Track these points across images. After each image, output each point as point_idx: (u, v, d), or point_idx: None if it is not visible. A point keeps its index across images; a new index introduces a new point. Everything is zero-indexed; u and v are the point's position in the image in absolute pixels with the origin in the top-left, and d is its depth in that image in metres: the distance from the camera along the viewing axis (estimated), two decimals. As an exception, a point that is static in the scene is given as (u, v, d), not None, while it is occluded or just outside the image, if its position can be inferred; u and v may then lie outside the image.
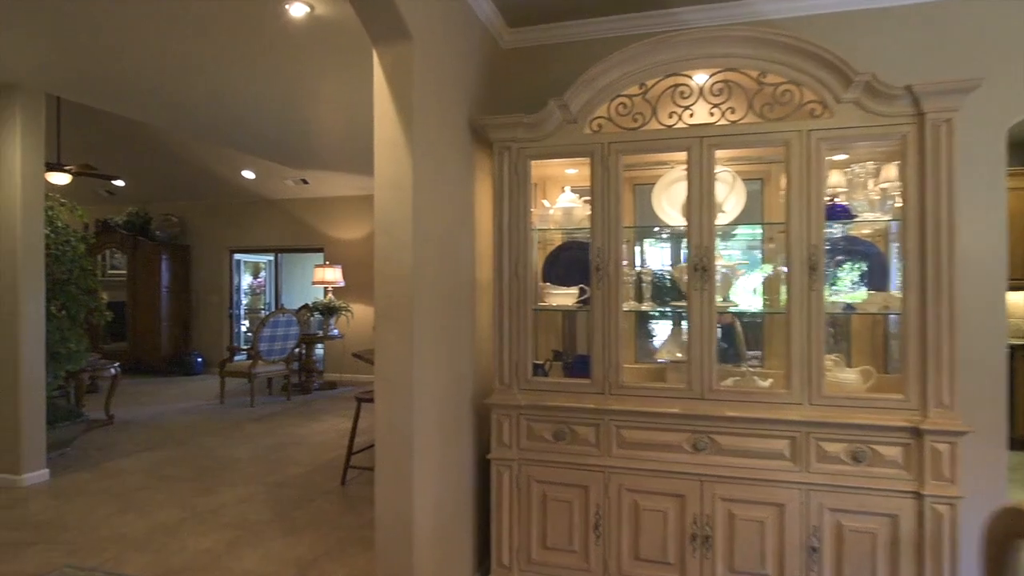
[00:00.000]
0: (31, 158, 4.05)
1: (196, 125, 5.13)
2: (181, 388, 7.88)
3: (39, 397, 4.11)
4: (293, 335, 7.06)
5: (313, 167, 6.98)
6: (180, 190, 9.06)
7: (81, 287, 4.78)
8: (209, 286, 9.36)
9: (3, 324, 4.00)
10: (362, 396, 4.05)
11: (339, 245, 8.72)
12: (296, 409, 6.59)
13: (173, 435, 5.38)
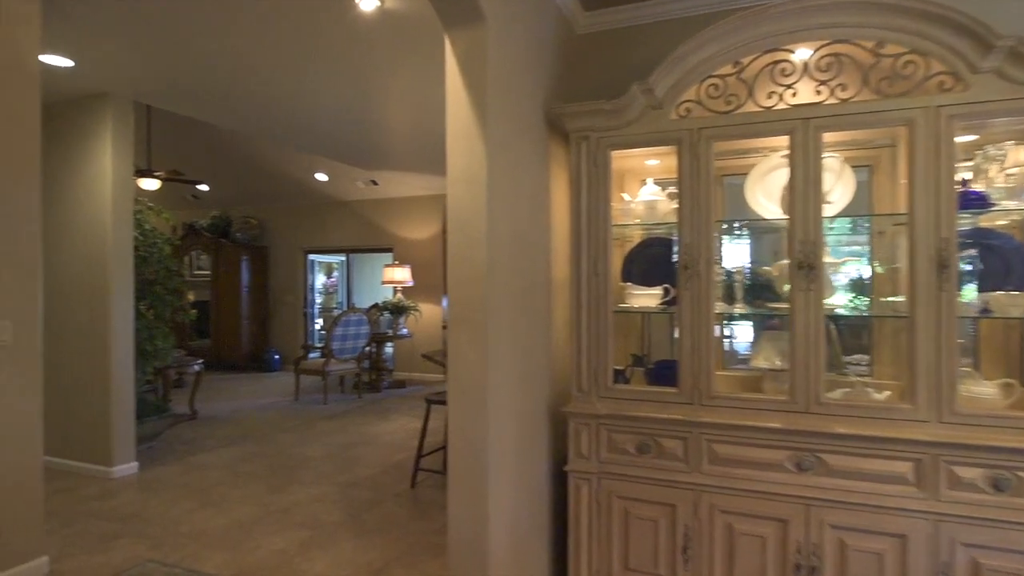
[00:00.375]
0: (121, 164, 4.24)
1: (273, 129, 5.25)
2: (259, 384, 8.16)
3: (129, 393, 4.29)
4: (364, 334, 7.15)
5: (382, 167, 7.04)
6: (259, 194, 9.41)
7: (167, 287, 4.98)
8: (285, 286, 9.67)
9: (96, 323, 4.20)
10: (432, 398, 3.98)
11: (408, 245, 8.79)
12: (367, 407, 6.66)
13: (251, 431, 5.53)
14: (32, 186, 2.73)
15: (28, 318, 2.69)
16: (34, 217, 2.74)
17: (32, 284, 2.72)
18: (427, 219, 8.67)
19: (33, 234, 2.73)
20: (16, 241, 2.66)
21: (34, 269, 2.73)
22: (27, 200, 2.71)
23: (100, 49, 3.47)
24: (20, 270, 2.67)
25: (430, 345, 8.49)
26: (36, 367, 2.73)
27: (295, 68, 3.78)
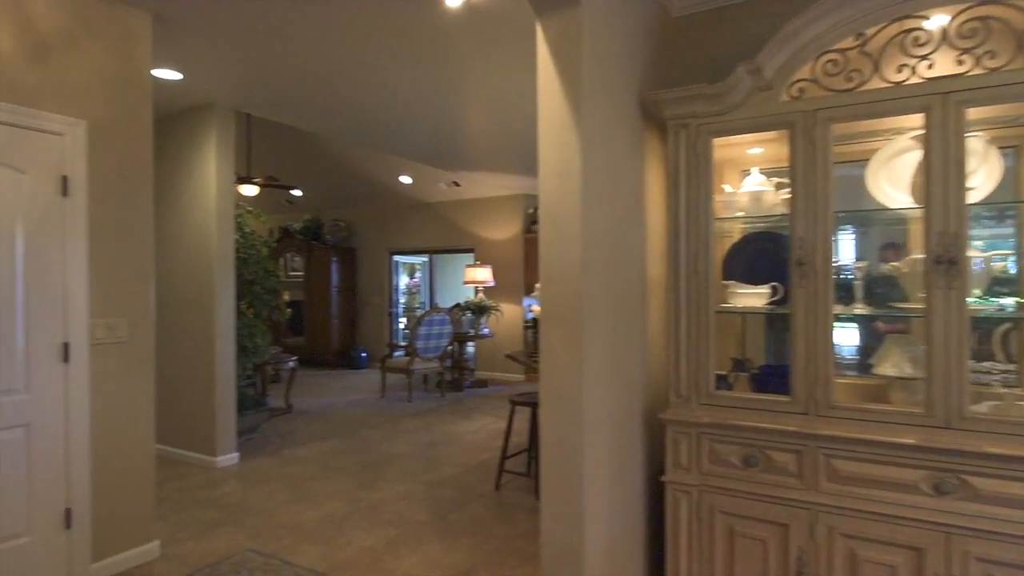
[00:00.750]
0: (224, 171, 4.48)
1: (362, 133, 5.39)
2: (347, 381, 8.45)
3: (230, 387, 4.53)
4: (447, 334, 7.23)
5: (464, 168, 7.09)
6: (347, 197, 9.77)
7: (265, 287, 5.22)
8: (371, 286, 9.98)
9: (202, 321, 4.46)
10: (516, 399, 3.92)
11: (488, 245, 8.82)
12: (450, 406, 6.73)
13: (340, 427, 5.71)
14: (146, 193, 2.90)
15: (142, 316, 2.87)
16: (148, 222, 2.91)
17: (146, 284, 2.89)
18: (508, 219, 8.67)
19: (147, 238, 2.90)
20: (133, 245, 2.84)
21: (148, 270, 2.90)
22: (142, 207, 2.88)
23: (205, 62, 3.67)
24: (135, 271, 2.85)
25: (511, 345, 8.48)
26: (149, 361, 2.90)
27: (383, 72, 3.85)
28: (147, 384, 2.89)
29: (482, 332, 7.88)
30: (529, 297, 8.61)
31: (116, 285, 2.77)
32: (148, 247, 2.91)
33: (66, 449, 2.57)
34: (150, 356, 2.90)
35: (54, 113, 2.55)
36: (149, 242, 2.91)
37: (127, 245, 2.81)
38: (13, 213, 2.42)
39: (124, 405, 2.79)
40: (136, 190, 2.86)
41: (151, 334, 2.91)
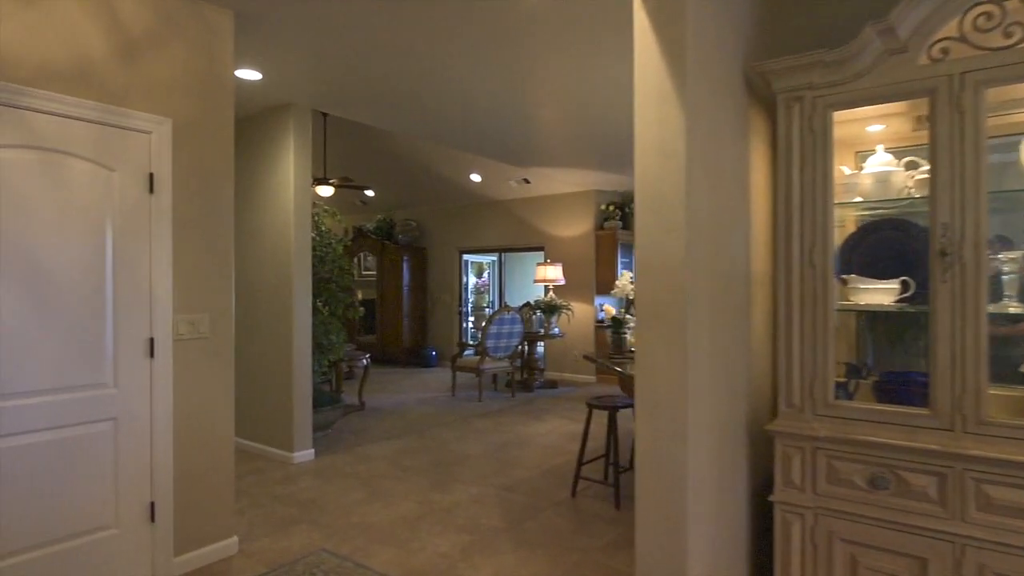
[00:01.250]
0: (301, 170, 4.53)
1: (436, 129, 5.34)
2: (418, 379, 8.50)
3: (307, 384, 4.58)
4: (517, 333, 7.11)
5: (535, 164, 6.94)
6: (418, 196, 9.85)
7: (340, 285, 5.27)
8: (442, 285, 10.02)
9: (280, 318, 4.53)
10: (594, 402, 3.73)
11: (559, 243, 8.64)
12: (520, 407, 6.60)
13: (412, 425, 5.69)
14: (227, 191, 2.92)
15: (223, 312, 2.88)
16: (229, 219, 2.92)
17: (227, 281, 2.91)
18: (579, 216, 8.45)
19: (228, 235, 2.91)
20: (214, 241, 2.86)
21: (228, 267, 2.92)
22: (223, 204, 2.90)
23: (284, 61, 3.69)
24: (217, 268, 2.87)
25: (582, 345, 8.27)
26: (229, 357, 2.92)
27: (459, 67, 3.76)
28: (227, 379, 2.91)
29: (552, 332, 7.71)
30: (600, 296, 8.37)
31: (198, 281, 2.79)
32: (229, 244, 2.92)
33: (151, 443, 2.60)
34: (230, 352, 2.92)
35: (141, 112, 2.59)
36: (230, 239, 2.93)
37: (209, 242, 2.83)
38: (104, 210, 2.47)
39: (205, 400, 2.81)
40: (218, 187, 2.88)
41: (231, 330, 2.93)
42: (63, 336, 2.34)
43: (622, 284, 3.67)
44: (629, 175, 7.35)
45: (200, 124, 2.82)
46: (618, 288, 3.69)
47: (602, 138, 5.67)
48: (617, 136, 5.50)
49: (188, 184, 2.76)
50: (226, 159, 2.92)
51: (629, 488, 3.68)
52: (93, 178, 2.45)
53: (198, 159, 2.80)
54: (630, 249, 8.47)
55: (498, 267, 9.82)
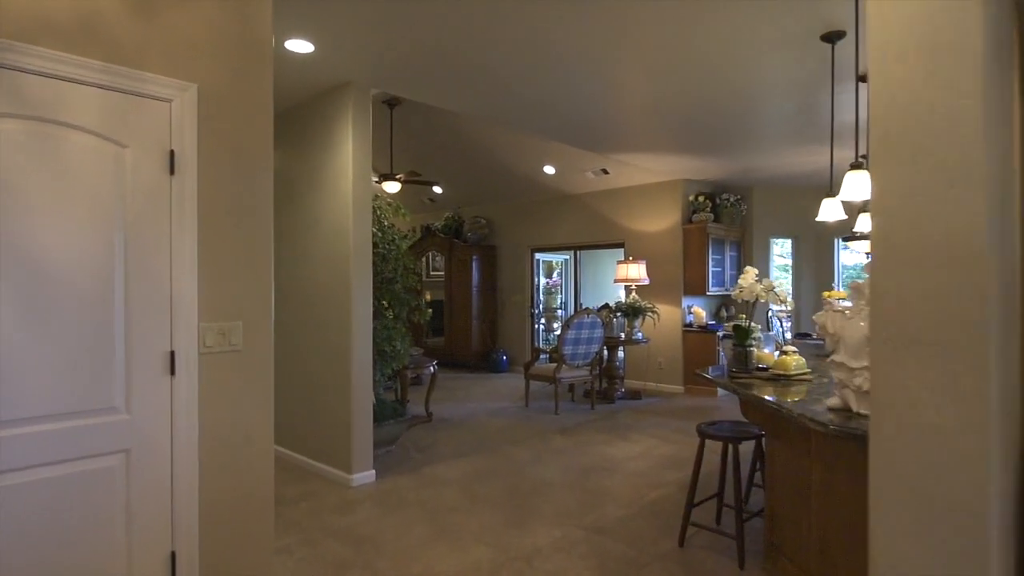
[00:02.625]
0: (361, 157, 4.05)
1: (508, 110, 4.76)
2: (489, 386, 7.96)
3: (367, 397, 4.10)
4: (597, 339, 6.42)
5: (618, 150, 6.22)
6: (488, 192, 9.33)
7: (405, 285, 4.77)
8: (513, 285, 9.46)
9: (337, 323, 4.07)
10: (708, 430, 3.02)
11: (640, 239, 7.87)
12: (601, 421, 5.90)
13: (483, 441, 5.13)
14: (265, 173, 2.43)
15: (260, 319, 2.39)
16: (266, 207, 2.43)
17: (265, 282, 2.42)
18: (663, 209, 7.65)
19: (266, 226, 2.42)
20: (250, 234, 2.37)
21: (266, 265, 2.42)
22: (260, 189, 2.41)
23: (339, 30, 3.21)
24: (253, 266, 2.38)
25: (668, 351, 7.47)
26: (268, 373, 2.42)
27: (536, 33, 3.16)
28: (266, 400, 2.42)
29: (635, 337, 6.96)
30: (689, 296, 7.54)
31: (230, 283, 2.31)
32: (267, 237, 2.43)
33: (171, 480, 2.13)
34: (268, 367, 2.42)
35: (160, 75, 2.13)
36: (268, 232, 2.44)
37: (244, 235, 2.35)
38: (113, 196, 2.02)
39: (239, 425, 2.33)
40: (254, 169, 2.39)
41: (270, 340, 2.43)
42: (61, 351, 1.90)
43: (747, 283, 2.93)
44: (725, 159, 6.50)
45: (233, 93, 2.33)
46: (742, 288, 2.95)
47: (698, 114, 4.89)
48: (714, 109, 4.72)
49: (217, 164, 2.28)
50: (264, 134, 2.43)
51: (754, 540, 2.94)
52: (100, 155, 1.99)
53: (230, 135, 2.32)
54: (722, 245, 7.58)
55: (573, 265, 9.14)
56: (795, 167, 6.78)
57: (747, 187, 7.95)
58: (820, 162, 6.47)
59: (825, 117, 4.71)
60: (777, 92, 4.37)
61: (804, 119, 4.99)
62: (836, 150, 6.11)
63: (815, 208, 3.98)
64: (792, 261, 8.22)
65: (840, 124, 4.60)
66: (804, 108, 4.73)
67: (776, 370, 2.82)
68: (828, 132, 5.05)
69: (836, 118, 4.38)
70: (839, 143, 5.81)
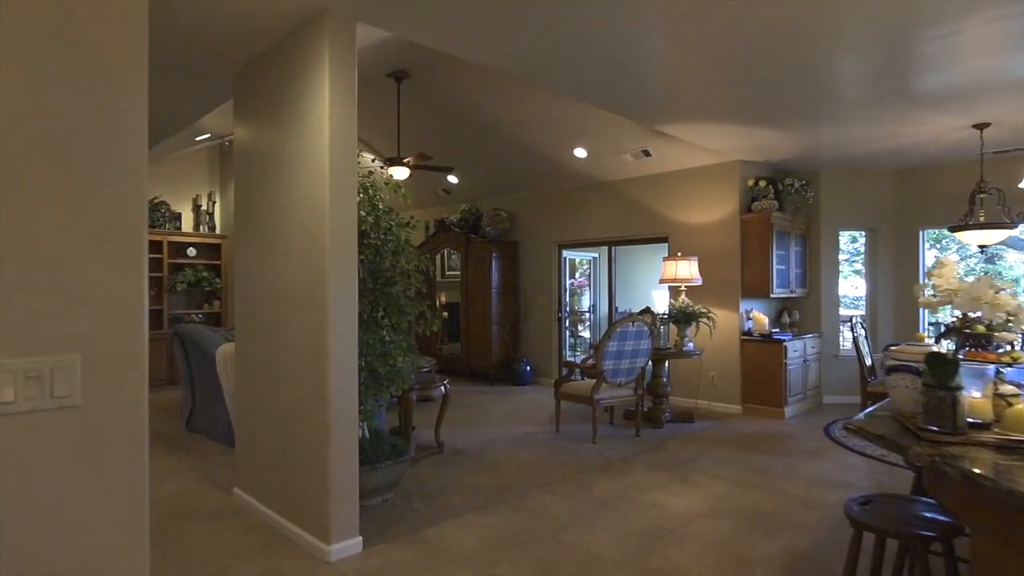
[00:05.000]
0: (340, 113, 2.99)
1: (539, 61, 3.69)
2: (511, 402, 6.89)
3: (350, 434, 3.04)
4: (644, 351, 5.30)
5: (667, 118, 5.09)
6: (510, 182, 8.27)
7: (405, 287, 3.71)
8: (537, 286, 8.37)
9: (311, 337, 3.03)
10: (868, 520, 1.90)
11: (688, 232, 6.72)
12: (651, 454, 4.79)
13: (506, 483, 4.05)
14: (134, 100, 1.38)
15: (120, 349, 1.34)
16: (135, 161, 1.39)
17: (131, 287, 1.36)
18: (716, 196, 6.50)
19: (134, 192, 1.38)
20: (101, 204, 1.33)
21: (135, 259, 1.37)
22: (125, 129, 1.37)
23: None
24: (106, 260, 1.33)
25: (723, 364, 6.31)
26: (136, 450, 1.37)
27: None
28: (134, 514, 1.36)
29: (686, 348, 5.83)
30: (748, 299, 6.38)
31: (54, 291, 1.26)
32: (136, 205, 1.38)
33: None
34: (138, 441, 1.37)
35: None
36: (138, 195, 1.39)
37: (86, 198, 1.31)
38: None
39: (77, 553, 1.28)
40: (109, 79, 1.35)
41: (142, 389, 1.38)
42: None
43: (945, 281, 1.80)
44: (791, 133, 5.33)
45: (62, -58, 1.29)
46: (942, 289, 1.82)
47: (766, 64, 3.76)
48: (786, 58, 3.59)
49: (28, 63, 1.24)
50: (134, 25, 1.39)
51: None
52: None
53: (63, 14, 1.28)
54: (786, 238, 6.41)
55: (607, 263, 8.02)
56: (874, 144, 5.59)
57: (814, 170, 6.77)
58: (907, 137, 5.29)
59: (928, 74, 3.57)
60: (862, 34, 3.22)
61: (892, 73, 3.82)
62: (939, 117, 4.95)
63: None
64: (866, 257, 7.00)
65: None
66: (893, 60, 3.57)
67: (1010, 432, 1.69)
68: (925, 93, 3.90)
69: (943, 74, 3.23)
70: (942, 109, 4.66)
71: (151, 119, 1.45)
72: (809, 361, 6.48)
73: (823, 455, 4.75)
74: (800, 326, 6.77)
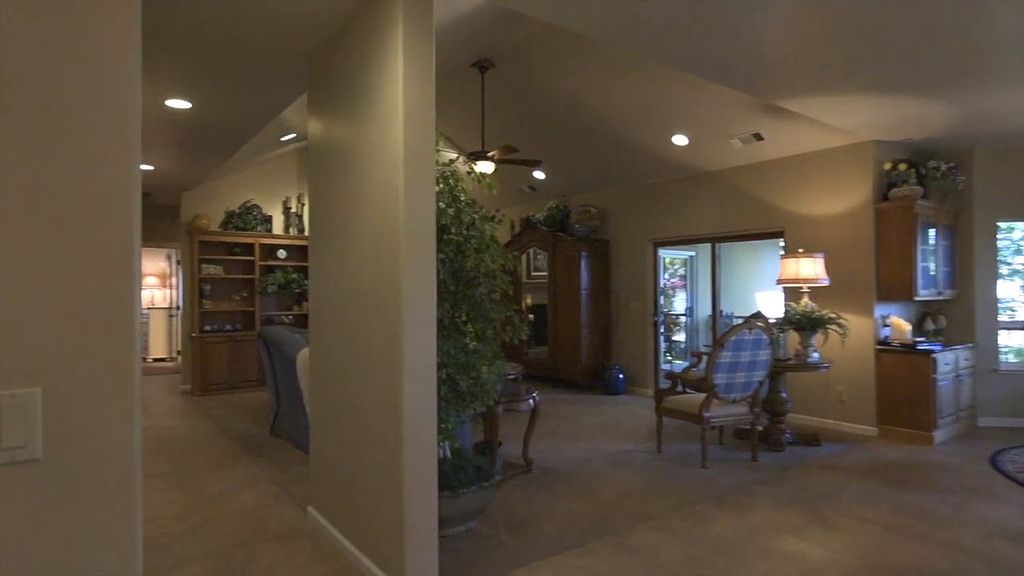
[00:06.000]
0: (416, 83, 2.59)
1: (653, 33, 3.15)
2: (604, 414, 6.33)
3: (428, 456, 2.64)
4: (762, 362, 4.59)
5: (789, 91, 4.37)
6: (600, 176, 7.71)
7: (490, 290, 3.29)
8: (630, 288, 7.75)
9: (384, 349, 2.66)
10: None
11: (809, 225, 5.88)
12: (774, 485, 4.09)
13: (604, 514, 3.52)
14: (125, 60, 1.01)
15: (98, 380, 0.97)
16: (123, 138, 1.01)
17: (121, 300, 1.00)
18: (844, 183, 5.63)
19: (124, 175, 1.00)
20: (70, 187, 0.96)
21: (124, 262, 1.00)
22: (108, 95, 1.00)
23: None
24: (81, 264, 0.97)
25: (852, 378, 5.44)
26: (125, 506, 0.99)
27: None
28: (121, 574, 0.99)
29: (811, 359, 5.03)
30: (884, 303, 5.47)
31: (8, 298, 0.90)
32: (129, 190, 1.01)
33: None
34: (127, 489, 0.99)
35: None
36: (128, 194, 1.01)
37: (51, 179, 0.94)
38: None
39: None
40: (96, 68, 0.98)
41: (133, 431, 1.00)
42: None
43: None
44: (940, 102, 4.43)
45: None
46: None
47: (931, 20, 2.99)
48: (948, 14, 2.82)
49: None
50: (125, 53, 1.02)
51: None
52: None
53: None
54: (933, 230, 5.44)
55: (708, 262, 7.26)
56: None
57: (964, 149, 5.73)
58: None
59: None
60: None
61: None
62: None
63: None
64: (1034, 252, 5.85)
65: None
66: None
67: None
68: None
69: None
70: None
71: (232, 119, 1.11)
72: (962, 376, 5.46)
73: (996, 494, 3.85)
74: (947, 334, 5.75)
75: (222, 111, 4.56)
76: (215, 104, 4.41)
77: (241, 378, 7.92)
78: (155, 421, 6.10)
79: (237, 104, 4.42)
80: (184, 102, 4.37)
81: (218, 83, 4.02)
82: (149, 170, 6.89)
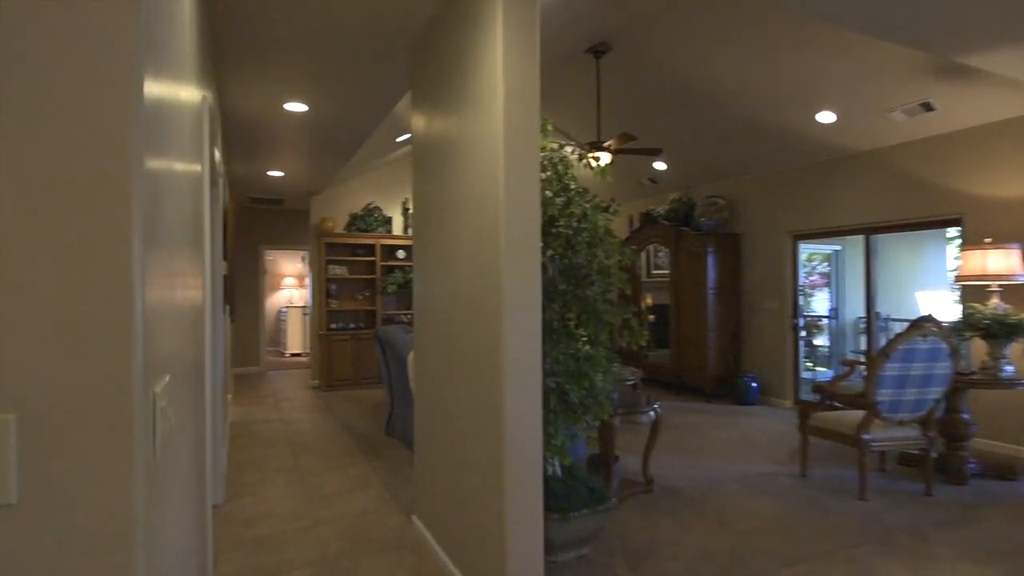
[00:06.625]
0: (517, 56, 2.30)
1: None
2: (733, 426, 5.69)
3: (533, 475, 2.34)
4: (940, 377, 3.79)
5: (982, 45, 3.53)
6: (728, 164, 7.01)
7: (603, 289, 2.93)
8: (764, 286, 6.96)
9: (483, 356, 2.40)
10: None
11: (994, 210, 4.85)
12: (960, 528, 3.32)
13: (740, 549, 3.03)
14: (119, 66, 0.81)
15: (85, 404, 0.77)
16: (117, 146, 0.80)
17: (107, 320, 0.79)
18: (1048, 157, 4.56)
19: (114, 195, 0.79)
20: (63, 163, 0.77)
21: (121, 255, 0.79)
22: (93, 108, 0.79)
23: None
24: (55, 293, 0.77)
25: (1065, 399, 4.36)
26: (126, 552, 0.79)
27: None
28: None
29: (1004, 374, 4.10)
30: (1108, 306, 4.33)
31: None
32: (120, 187, 0.80)
33: None
34: (129, 539, 0.78)
35: None
36: (124, 172, 0.80)
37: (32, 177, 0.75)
38: None
39: None
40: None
41: (128, 454, 0.80)
42: None
43: None
44: None
45: None
46: None
47: None
48: None
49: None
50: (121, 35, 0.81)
51: None
52: None
53: None
54: None
55: (861, 256, 6.30)
56: None
57: None
58: None
59: None
60: None
61: None
62: None
63: None
64: None
65: None
66: None
67: None
68: None
69: None
70: None
71: (347, 118, 0.92)
72: None
73: None
74: None
75: (336, 111, 4.60)
76: (329, 104, 4.45)
77: (363, 375, 8.17)
78: (284, 415, 6.40)
79: (349, 102, 4.42)
80: (301, 104, 4.44)
81: (327, 82, 4.02)
82: (280, 176, 7.28)
